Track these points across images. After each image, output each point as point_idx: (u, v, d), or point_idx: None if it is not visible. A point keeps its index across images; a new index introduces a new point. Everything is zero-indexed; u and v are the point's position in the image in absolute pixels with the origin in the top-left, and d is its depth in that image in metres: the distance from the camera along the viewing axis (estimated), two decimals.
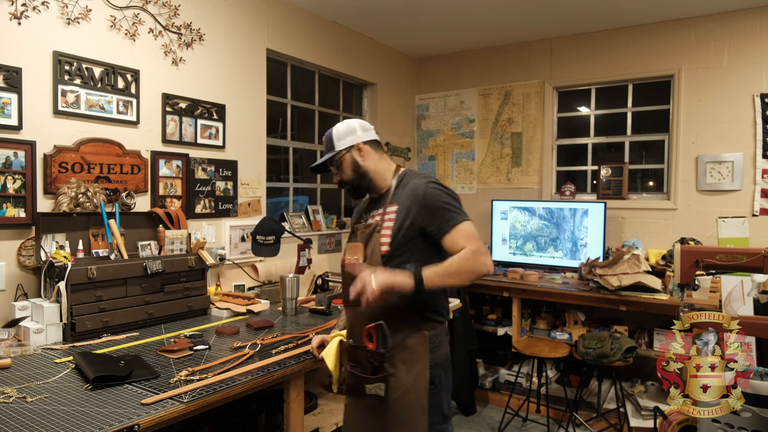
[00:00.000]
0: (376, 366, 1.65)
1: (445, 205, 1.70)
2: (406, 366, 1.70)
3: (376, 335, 1.62)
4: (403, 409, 1.67)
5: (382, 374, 1.65)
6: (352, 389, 1.72)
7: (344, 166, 1.85)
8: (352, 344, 1.75)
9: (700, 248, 2.18)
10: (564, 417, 3.65)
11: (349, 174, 1.85)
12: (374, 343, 1.63)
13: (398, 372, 1.68)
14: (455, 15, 4.01)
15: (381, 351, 1.62)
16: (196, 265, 2.69)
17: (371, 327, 1.63)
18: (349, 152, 1.85)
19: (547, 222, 4.25)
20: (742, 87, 3.79)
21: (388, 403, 1.67)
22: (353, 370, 1.71)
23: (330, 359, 1.81)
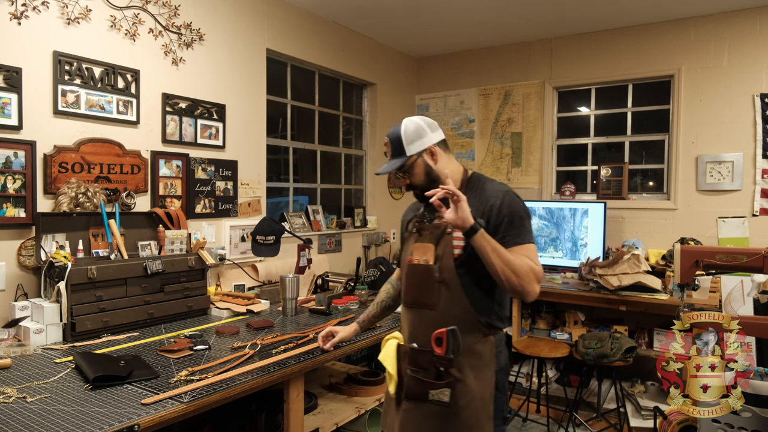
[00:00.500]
0: (442, 371, 1.61)
1: (522, 220, 1.67)
2: (474, 372, 1.65)
3: (446, 340, 1.57)
4: (470, 415, 1.62)
5: (447, 380, 1.61)
6: (413, 394, 1.66)
7: (416, 171, 1.75)
8: (415, 348, 1.68)
9: (700, 248, 2.18)
10: (564, 417, 3.65)
11: (422, 179, 1.75)
12: (443, 348, 1.57)
13: (466, 378, 1.63)
14: (455, 15, 4.01)
15: (450, 356, 1.57)
16: (196, 265, 2.69)
17: (443, 332, 1.57)
18: (420, 157, 1.74)
19: (547, 222, 4.25)
20: (742, 87, 3.79)
21: (455, 410, 1.62)
22: (415, 374, 1.65)
23: (389, 362, 1.72)
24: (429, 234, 1.75)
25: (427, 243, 1.72)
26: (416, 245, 1.75)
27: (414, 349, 1.68)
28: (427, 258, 1.69)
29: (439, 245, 1.70)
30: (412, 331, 1.74)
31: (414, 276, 1.70)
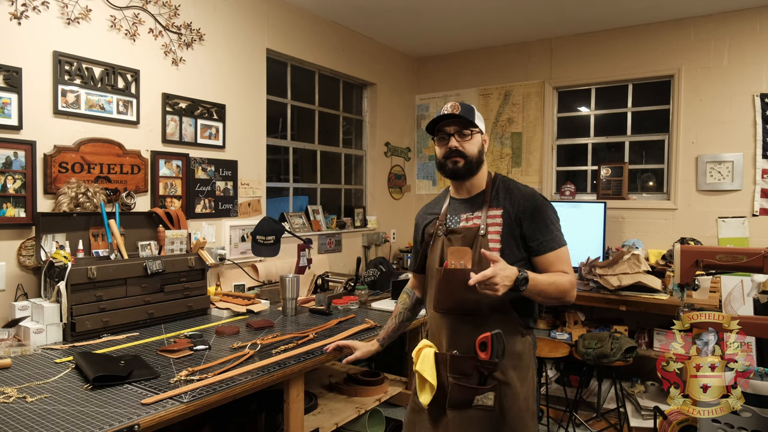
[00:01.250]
0: (486, 376, 1.60)
1: (554, 223, 1.69)
2: (518, 373, 1.65)
3: (491, 344, 1.55)
4: (516, 417, 1.62)
5: (492, 384, 1.60)
6: (458, 402, 1.62)
7: (474, 141, 1.72)
8: (456, 355, 1.65)
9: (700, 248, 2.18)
10: (564, 417, 3.65)
11: (475, 152, 1.72)
12: (488, 353, 1.56)
13: (510, 380, 1.63)
14: (455, 15, 4.01)
15: (495, 360, 1.56)
16: (196, 265, 2.69)
17: (488, 336, 1.56)
18: (480, 135, 1.75)
19: None
20: (742, 87, 3.79)
21: (501, 413, 1.61)
22: (458, 381, 1.63)
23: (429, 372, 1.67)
24: (461, 237, 1.72)
25: (463, 247, 1.68)
26: (451, 249, 1.70)
27: (456, 356, 1.65)
28: (464, 262, 1.65)
29: (475, 248, 1.67)
30: (451, 338, 1.70)
31: (452, 282, 1.64)
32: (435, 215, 1.86)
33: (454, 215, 1.79)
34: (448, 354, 1.66)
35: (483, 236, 1.67)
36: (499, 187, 1.75)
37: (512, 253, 1.66)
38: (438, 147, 1.76)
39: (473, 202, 1.77)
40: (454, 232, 1.74)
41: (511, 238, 1.67)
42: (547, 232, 1.67)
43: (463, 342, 1.66)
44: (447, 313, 1.70)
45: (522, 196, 1.70)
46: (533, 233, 1.67)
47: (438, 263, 1.74)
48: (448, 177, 1.78)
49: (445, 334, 1.72)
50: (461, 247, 1.68)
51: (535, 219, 1.67)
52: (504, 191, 1.73)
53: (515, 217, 1.68)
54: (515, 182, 1.78)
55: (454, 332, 1.70)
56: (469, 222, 1.73)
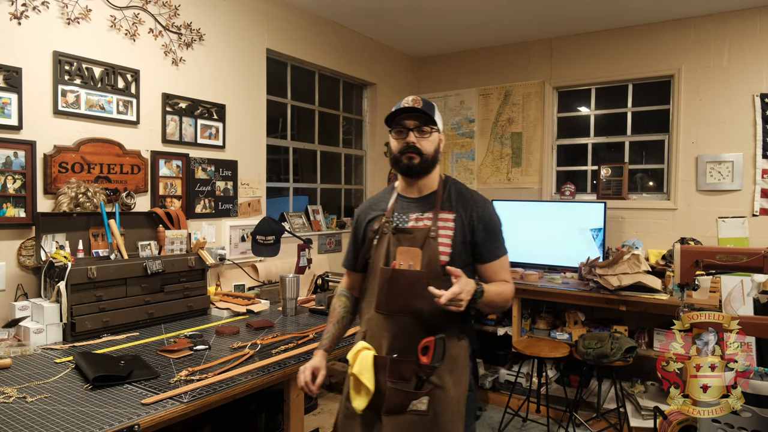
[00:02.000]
0: (424, 380, 1.57)
1: (500, 231, 1.71)
2: (453, 377, 1.62)
3: (434, 349, 1.52)
4: (447, 421, 1.59)
5: (428, 388, 1.57)
6: (395, 407, 1.57)
7: (431, 139, 1.69)
8: (396, 358, 1.59)
9: (700, 248, 2.18)
10: (564, 417, 3.65)
11: (431, 150, 1.68)
12: (429, 357, 1.53)
13: (445, 384, 1.59)
14: (455, 15, 4.01)
15: (435, 365, 1.54)
16: (196, 265, 2.69)
17: (431, 340, 1.53)
18: (438, 133, 1.72)
19: (547, 222, 4.24)
20: (742, 87, 3.79)
21: (433, 417, 1.57)
22: (397, 385, 1.57)
23: (368, 375, 1.59)
24: (411, 237, 1.66)
25: (412, 248, 1.63)
26: (401, 249, 1.64)
27: (396, 359, 1.59)
28: (413, 264, 1.60)
29: (424, 250, 1.63)
30: (392, 341, 1.63)
31: (400, 283, 1.59)
32: (380, 211, 1.77)
33: (402, 214, 1.72)
34: (388, 357, 1.60)
35: (433, 238, 1.63)
36: (451, 190, 1.73)
37: (461, 259, 1.65)
38: (394, 141, 1.70)
39: (424, 202, 1.72)
40: (404, 231, 1.68)
41: (461, 244, 1.65)
42: (495, 240, 1.68)
43: (404, 345, 1.60)
44: (390, 315, 1.63)
45: (476, 204, 1.70)
46: (484, 241, 1.67)
47: (384, 262, 1.66)
48: (401, 173, 1.73)
49: (387, 337, 1.64)
50: (411, 248, 1.63)
51: (487, 227, 1.67)
52: (456, 195, 1.71)
53: (468, 224, 1.66)
54: (467, 187, 1.77)
55: (396, 335, 1.63)
56: (420, 222, 1.68)
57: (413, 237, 1.65)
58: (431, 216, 1.68)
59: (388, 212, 1.74)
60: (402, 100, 1.70)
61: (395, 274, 1.59)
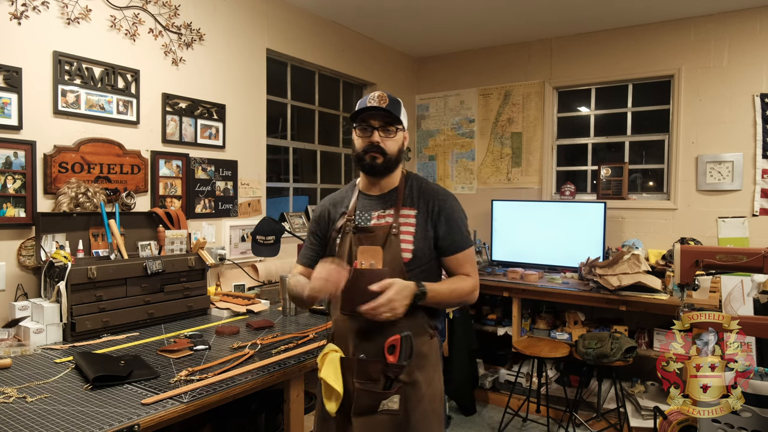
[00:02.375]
0: (393, 379, 1.55)
1: (463, 224, 1.69)
2: (423, 374, 1.60)
3: (400, 347, 1.51)
4: (420, 419, 1.57)
5: (398, 386, 1.55)
6: (365, 408, 1.55)
7: (396, 138, 1.67)
8: (362, 359, 1.57)
9: (700, 248, 2.18)
10: (564, 417, 3.65)
11: (395, 150, 1.67)
12: (396, 356, 1.51)
13: (416, 381, 1.58)
14: (455, 15, 4.01)
15: (403, 363, 1.53)
16: (196, 265, 2.69)
17: (397, 338, 1.52)
18: (403, 132, 1.70)
19: (547, 222, 4.24)
20: (742, 87, 3.79)
21: (405, 416, 1.56)
22: (365, 386, 1.55)
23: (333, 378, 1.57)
24: (372, 236, 1.63)
25: (373, 246, 1.60)
26: (362, 248, 1.61)
27: (362, 360, 1.57)
28: (375, 262, 1.57)
29: (386, 248, 1.60)
30: (358, 341, 1.61)
31: (361, 282, 1.53)
32: (344, 209, 1.74)
33: (364, 212, 1.70)
34: (354, 358, 1.59)
35: (395, 236, 1.61)
36: (412, 185, 1.71)
37: (424, 255, 1.64)
38: (358, 138, 1.67)
39: (385, 199, 1.70)
40: (365, 230, 1.66)
41: (423, 240, 1.64)
42: (458, 233, 1.66)
43: (370, 345, 1.59)
44: (354, 316, 1.58)
45: (437, 197, 1.68)
46: (446, 234, 1.65)
47: (347, 262, 1.63)
48: (364, 172, 1.71)
49: (352, 338, 1.62)
50: (372, 247, 1.60)
51: (449, 220, 1.65)
52: (418, 191, 1.70)
53: (430, 218, 1.65)
54: (428, 182, 1.75)
55: (361, 335, 1.61)
56: (381, 220, 1.66)
57: (374, 235, 1.63)
58: (393, 213, 1.66)
59: (349, 211, 1.71)
60: (367, 96, 1.67)
61: (357, 273, 1.55)
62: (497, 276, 4.02)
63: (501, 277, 3.97)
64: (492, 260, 4.45)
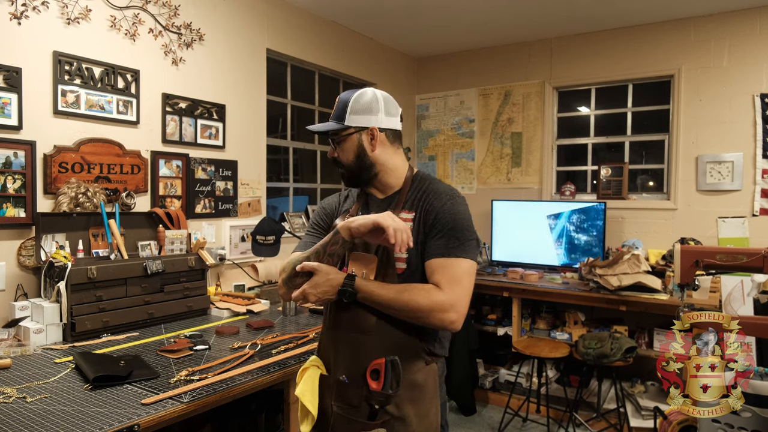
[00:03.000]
0: (376, 409, 1.34)
1: (456, 229, 1.40)
2: (416, 408, 1.39)
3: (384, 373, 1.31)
4: None
5: (383, 419, 1.34)
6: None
7: (347, 146, 1.50)
8: (343, 381, 1.39)
9: (700, 248, 2.18)
10: (564, 417, 3.65)
11: (350, 158, 1.50)
12: (380, 382, 1.31)
13: (406, 416, 1.37)
14: (455, 15, 4.01)
15: (388, 392, 1.31)
16: (196, 265, 2.69)
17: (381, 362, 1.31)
18: (358, 133, 1.50)
19: (548, 222, 4.24)
20: (742, 87, 3.78)
21: None
22: (343, 412, 1.38)
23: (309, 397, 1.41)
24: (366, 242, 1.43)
25: (367, 254, 1.43)
26: (355, 255, 1.44)
27: (343, 382, 1.40)
28: (367, 272, 1.41)
29: (380, 256, 1.42)
30: (340, 360, 1.43)
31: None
32: (347, 207, 1.60)
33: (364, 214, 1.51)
34: (335, 379, 1.42)
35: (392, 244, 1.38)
36: (417, 187, 1.51)
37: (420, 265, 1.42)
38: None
39: (386, 202, 1.52)
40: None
41: (421, 246, 1.42)
42: (444, 236, 1.38)
43: (352, 365, 1.40)
44: (339, 331, 1.44)
45: (436, 196, 1.45)
46: (431, 234, 1.40)
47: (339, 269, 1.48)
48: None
49: (333, 354, 1.46)
50: (366, 254, 1.43)
51: (439, 220, 1.40)
52: (420, 192, 1.48)
53: (423, 219, 1.43)
54: (437, 182, 1.52)
55: (342, 352, 1.43)
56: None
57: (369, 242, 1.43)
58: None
59: (351, 211, 1.56)
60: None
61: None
62: (497, 276, 4.02)
63: (501, 277, 3.97)
64: (492, 260, 4.45)
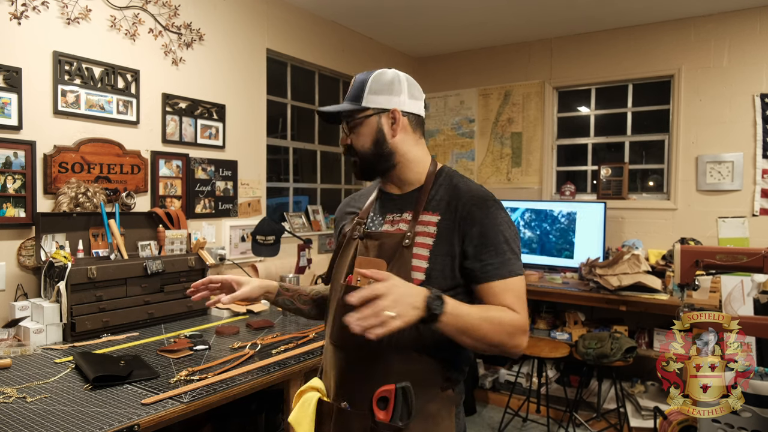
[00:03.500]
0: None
1: (507, 242, 1.20)
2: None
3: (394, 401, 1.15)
4: None
5: None
6: None
7: (363, 130, 1.28)
8: (345, 408, 1.22)
9: (700, 248, 2.18)
10: (564, 417, 3.65)
11: (367, 145, 1.28)
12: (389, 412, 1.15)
13: None
14: (455, 15, 4.01)
15: (398, 425, 1.14)
16: (196, 265, 2.69)
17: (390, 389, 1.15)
18: (377, 116, 1.28)
19: (547, 222, 4.25)
20: (742, 87, 3.78)
21: None
22: None
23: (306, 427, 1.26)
24: (378, 245, 1.26)
25: (376, 258, 1.23)
26: (360, 259, 1.25)
27: (344, 410, 1.23)
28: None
29: (393, 263, 1.21)
30: (342, 383, 1.26)
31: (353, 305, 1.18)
32: (356, 210, 1.40)
33: (378, 214, 1.33)
34: (335, 405, 1.24)
35: (407, 248, 1.21)
36: (442, 184, 1.29)
37: (443, 277, 1.20)
38: None
39: (405, 200, 1.30)
40: (372, 236, 1.28)
41: (446, 257, 1.20)
42: (496, 253, 1.18)
43: (356, 391, 1.22)
44: (342, 348, 1.26)
45: (472, 200, 1.22)
46: (478, 251, 1.19)
47: (343, 276, 1.29)
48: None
49: (335, 377, 1.27)
50: (374, 259, 1.23)
51: (485, 233, 1.19)
52: (447, 191, 1.26)
53: (457, 227, 1.21)
54: (466, 180, 1.30)
55: (345, 375, 1.25)
56: (394, 226, 1.28)
57: (381, 244, 1.25)
58: (411, 218, 1.26)
59: (362, 212, 1.36)
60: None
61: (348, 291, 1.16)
62: None
63: None
64: None
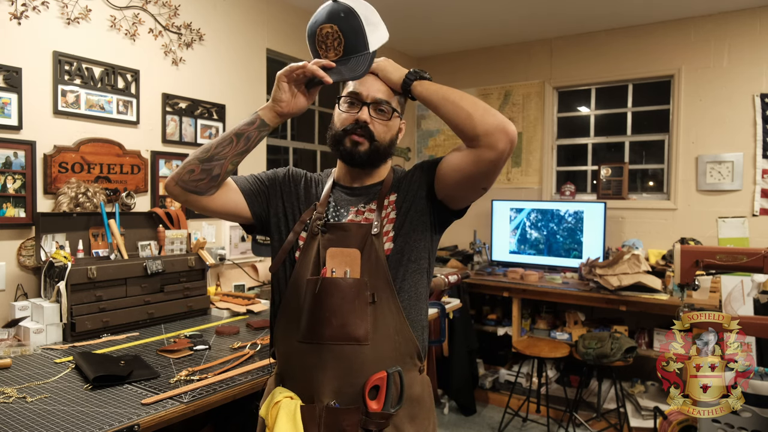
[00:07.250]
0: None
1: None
2: (415, 425, 1.22)
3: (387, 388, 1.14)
4: None
5: None
6: None
7: (392, 125, 1.32)
8: (333, 407, 1.18)
9: (700, 248, 2.18)
10: (564, 417, 3.65)
11: (386, 138, 1.30)
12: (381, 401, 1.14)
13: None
14: (455, 15, 4.01)
15: (390, 412, 1.14)
16: (196, 265, 2.69)
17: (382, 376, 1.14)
18: (399, 119, 1.35)
19: (547, 222, 4.25)
20: (742, 87, 3.79)
21: None
22: None
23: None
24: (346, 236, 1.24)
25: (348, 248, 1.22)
26: (332, 251, 1.22)
27: (335, 408, 1.17)
28: (350, 269, 1.20)
29: (366, 252, 1.22)
30: (325, 382, 1.20)
31: (333, 297, 1.17)
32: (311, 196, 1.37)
33: (339, 207, 1.32)
34: (320, 406, 1.19)
35: (376, 236, 1.23)
36: (395, 175, 1.37)
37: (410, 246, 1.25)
38: (341, 112, 1.34)
39: (369, 192, 1.33)
40: (338, 228, 1.26)
41: (415, 214, 1.27)
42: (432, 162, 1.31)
43: (344, 385, 1.19)
44: (322, 345, 1.20)
45: (409, 171, 1.36)
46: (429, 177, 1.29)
47: (312, 272, 1.24)
48: (342, 159, 1.33)
49: (317, 377, 1.21)
50: (346, 249, 1.22)
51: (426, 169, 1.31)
52: (399, 179, 1.35)
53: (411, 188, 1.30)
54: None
55: (331, 373, 1.20)
56: (360, 216, 1.29)
57: (349, 235, 1.24)
58: (375, 207, 1.28)
59: (320, 203, 1.33)
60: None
61: (326, 284, 1.18)
62: (497, 276, 4.02)
63: (501, 277, 3.97)
64: (492, 260, 4.45)
